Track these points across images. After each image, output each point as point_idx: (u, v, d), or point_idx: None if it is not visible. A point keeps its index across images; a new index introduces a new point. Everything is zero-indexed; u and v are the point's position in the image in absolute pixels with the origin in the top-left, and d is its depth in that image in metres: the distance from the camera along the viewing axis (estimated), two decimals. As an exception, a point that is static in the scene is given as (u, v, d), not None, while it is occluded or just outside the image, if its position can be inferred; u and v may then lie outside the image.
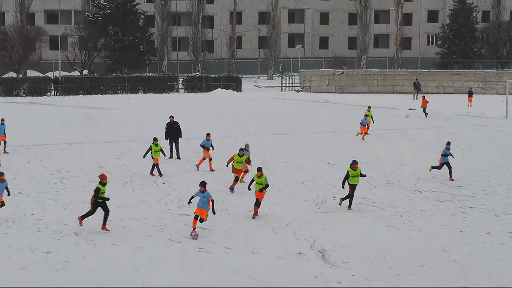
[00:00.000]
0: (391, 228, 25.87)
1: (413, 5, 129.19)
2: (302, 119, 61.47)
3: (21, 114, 49.71)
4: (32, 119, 46.56)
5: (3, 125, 41.84)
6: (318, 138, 48.45)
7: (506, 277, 20.63)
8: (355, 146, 44.78)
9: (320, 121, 60.35)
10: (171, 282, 19.58)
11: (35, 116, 48.93)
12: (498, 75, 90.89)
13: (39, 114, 58.75)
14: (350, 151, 42.75)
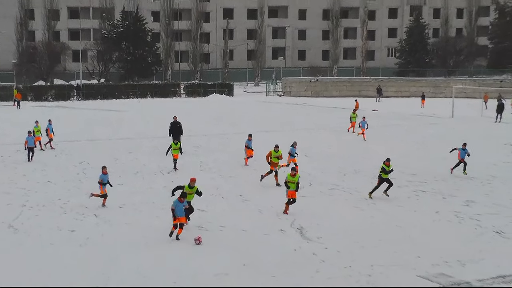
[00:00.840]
0: (357, 209, 26.09)
1: (376, 23, 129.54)
2: (284, 119, 61.57)
3: (49, 116, 49.50)
4: (58, 120, 46.51)
5: (51, 125, 42.01)
6: (298, 134, 48.55)
7: (451, 248, 20.85)
8: (328, 141, 44.94)
9: (299, 120, 60.48)
10: (176, 254, 19.76)
11: (60, 117, 48.97)
12: (446, 82, 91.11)
13: (64, 116, 58.76)
14: (323, 145, 42.93)
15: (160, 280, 17.93)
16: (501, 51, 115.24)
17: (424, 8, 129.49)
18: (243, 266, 19.24)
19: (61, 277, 18.14)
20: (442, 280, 18.13)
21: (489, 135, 48.88)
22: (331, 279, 18.14)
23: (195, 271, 18.72)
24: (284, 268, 19.10)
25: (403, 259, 19.88)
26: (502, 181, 31.78)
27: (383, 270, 18.90)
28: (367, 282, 17.91)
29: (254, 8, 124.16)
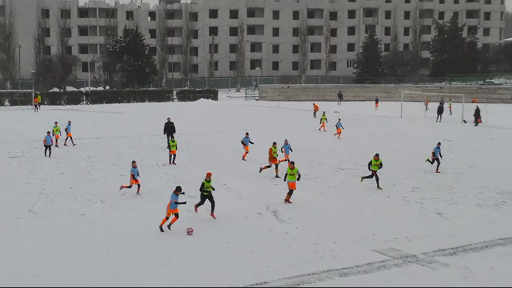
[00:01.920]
0: (322, 195, 26.15)
1: (337, 39, 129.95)
2: (261, 119, 61.60)
3: (62, 118, 49.25)
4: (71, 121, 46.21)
5: (70, 125, 41.75)
6: (272, 132, 48.61)
7: (400, 227, 20.95)
8: (299, 138, 44.98)
9: (273, 120, 60.52)
10: (170, 233, 19.69)
11: (72, 119, 48.54)
12: (396, 88, 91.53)
13: (75, 117, 58.30)
14: (295, 142, 42.91)
15: (156, 255, 17.88)
16: (440, 62, 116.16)
17: (377, 26, 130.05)
18: (226, 243, 19.23)
19: (72, 252, 18.12)
20: (393, 254, 18.21)
21: (431, 132, 49.12)
22: (301, 254, 18.15)
23: (186, 247, 18.71)
24: (261, 245, 19.09)
25: (361, 236, 19.95)
26: (442, 170, 31.96)
27: (344, 245, 18.95)
28: (331, 256, 17.95)
29: (235, 26, 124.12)
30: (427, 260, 17.61)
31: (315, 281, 15.96)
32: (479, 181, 28.80)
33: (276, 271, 16.61)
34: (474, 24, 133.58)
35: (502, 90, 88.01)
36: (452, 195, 26.13)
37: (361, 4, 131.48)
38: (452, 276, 16.38)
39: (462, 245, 18.99)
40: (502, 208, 23.94)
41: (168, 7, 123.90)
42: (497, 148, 40.02)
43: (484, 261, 17.58)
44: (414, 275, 16.48)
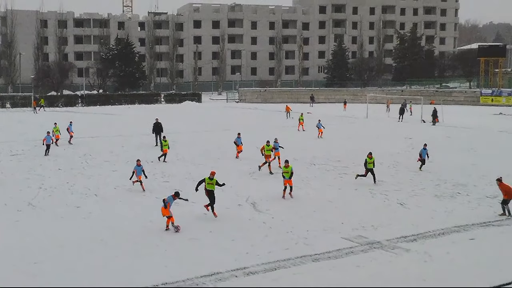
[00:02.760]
0: (296, 187, 26.09)
1: (309, 47, 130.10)
2: (241, 119, 61.49)
3: (59, 119, 48.78)
4: (67, 122, 45.71)
5: (71, 125, 41.48)
6: (251, 131, 48.60)
7: (366, 216, 21.01)
8: (273, 135, 44.90)
9: (252, 120, 60.44)
10: (159, 224, 19.56)
11: (69, 119, 48.11)
12: (362, 91, 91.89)
13: (71, 118, 57.59)
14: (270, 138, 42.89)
15: (145, 243, 17.77)
16: (401, 68, 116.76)
17: (345, 36, 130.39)
18: (209, 232, 19.17)
19: (68, 241, 17.98)
20: (360, 240, 18.25)
21: (393, 131, 49.43)
22: (277, 241, 18.14)
23: (173, 236, 18.63)
24: (241, 233, 19.06)
25: (331, 225, 19.99)
26: (403, 166, 32.16)
27: (316, 234, 18.96)
28: (304, 243, 17.95)
29: (217, 35, 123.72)
30: (391, 246, 17.68)
31: (290, 266, 15.95)
32: (436, 175, 29.01)
33: (254, 257, 16.59)
34: (431, 34, 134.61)
35: (457, 93, 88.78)
36: (412, 188, 26.29)
37: (331, 16, 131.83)
38: (413, 260, 16.46)
39: (421, 232, 19.10)
40: (457, 199, 24.13)
41: (156, 18, 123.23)
42: (452, 145, 40.34)
43: (441, 246, 17.70)
44: (379, 259, 16.54)
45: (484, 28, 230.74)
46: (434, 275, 15.19)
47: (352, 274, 15.35)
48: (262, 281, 14.87)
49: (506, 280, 12.08)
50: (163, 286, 14.45)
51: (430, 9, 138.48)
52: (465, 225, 19.97)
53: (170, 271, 15.48)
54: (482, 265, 15.99)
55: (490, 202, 23.10)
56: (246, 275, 15.28)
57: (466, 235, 18.95)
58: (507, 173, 25.45)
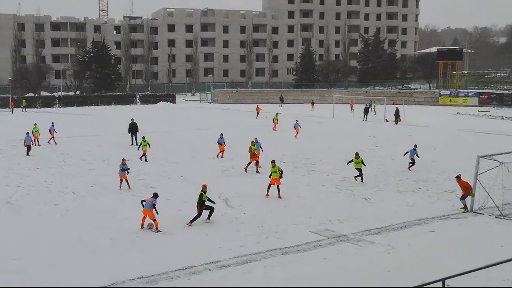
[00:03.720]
0: (266, 184, 26.18)
1: (278, 50, 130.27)
2: (213, 119, 61.29)
3: (37, 119, 48.01)
4: (44, 122, 45.05)
5: (53, 126, 40.88)
6: (223, 130, 48.44)
7: (333, 211, 21.14)
8: (246, 134, 44.90)
9: (224, 119, 60.26)
10: (134, 219, 19.40)
11: (46, 120, 47.46)
12: (328, 92, 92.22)
13: (49, 119, 56.70)
14: (243, 138, 42.88)
15: (123, 239, 17.61)
16: (366, 70, 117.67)
17: (312, 40, 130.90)
18: (184, 228, 19.11)
19: (47, 238, 17.76)
20: (327, 234, 18.36)
21: (358, 130, 49.81)
22: (248, 235, 18.15)
23: (149, 233, 18.51)
24: (214, 228, 19.03)
25: (300, 219, 20.07)
26: (368, 162, 32.31)
27: (285, 228, 19.02)
28: (274, 237, 17.99)
29: (191, 39, 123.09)
30: (356, 239, 17.82)
31: (261, 259, 15.97)
32: (399, 171, 29.32)
33: (227, 251, 16.58)
34: (394, 38, 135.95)
35: (417, 93, 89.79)
36: (376, 183, 26.53)
37: (299, 21, 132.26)
38: (377, 252, 16.62)
39: (385, 226, 19.29)
40: (418, 194, 24.44)
41: (131, 22, 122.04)
42: (413, 143, 40.74)
43: (403, 238, 17.90)
44: (345, 252, 16.66)
45: (442, 32, 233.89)
46: (397, 266, 15.36)
47: (320, 266, 15.43)
48: (234, 273, 14.87)
49: (463, 269, 12.26)
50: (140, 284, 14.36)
51: (392, 15, 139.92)
52: (425, 218, 20.24)
53: (146, 265, 15.38)
54: (441, 256, 16.22)
55: (449, 197, 23.45)
56: (219, 268, 15.26)
57: (426, 228, 19.20)
58: (464, 169, 25.81)
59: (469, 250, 16.72)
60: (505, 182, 21.07)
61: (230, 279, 14.49)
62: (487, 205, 21.01)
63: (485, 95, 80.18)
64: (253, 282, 14.31)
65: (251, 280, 14.41)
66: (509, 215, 20.48)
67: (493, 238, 17.90)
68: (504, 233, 18.54)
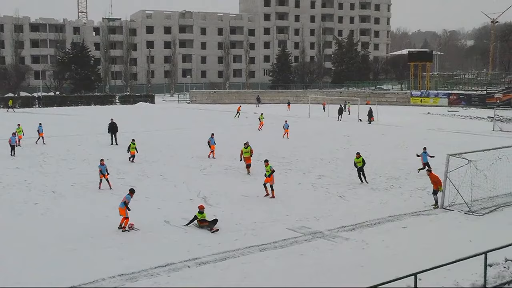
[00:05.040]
0: (244, 183, 26.21)
1: (255, 52, 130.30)
2: (191, 119, 61.08)
3: (17, 120, 47.32)
4: (24, 122, 44.39)
5: (41, 126, 40.24)
6: (201, 130, 48.35)
7: (309, 208, 21.21)
8: (223, 133, 44.83)
9: (202, 119, 60.07)
10: (114, 217, 19.23)
11: (26, 120, 46.84)
12: (304, 93, 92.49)
13: (29, 119, 55.96)
14: (220, 137, 42.76)
15: (102, 237, 17.45)
16: (340, 71, 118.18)
17: (288, 42, 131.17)
18: (163, 225, 19.00)
19: (27, 236, 17.53)
20: (303, 231, 18.42)
21: (333, 129, 50.06)
22: (226, 233, 18.11)
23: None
24: (193, 226, 18.93)
25: (276, 217, 20.10)
26: (342, 161, 32.60)
27: (262, 225, 19.03)
28: (252, 234, 17.98)
29: (169, 41, 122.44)
30: (332, 235, 17.90)
31: (239, 256, 15.95)
32: (372, 169, 29.51)
33: (206, 248, 16.53)
34: (366, 41, 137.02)
35: (390, 94, 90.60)
36: (350, 181, 26.68)
37: (275, 23, 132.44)
38: (352, 248, 16.72)
39: (359, 222, 19.42)
40: (391, 191, 24.65)
41: (110, 24, 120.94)
42: (386, 142, 41.17)
43: (377, 234, 18.04)
44: (321, 248, 16.72)
45: (413, 35, 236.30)
46: (371, 261, 15.47)
47: (296, 262, 15.47)
48: (213, 270, 14.83)
49: (435, 263, 12.40)
50: (119, 278, 14.25)
51: (365, 18, 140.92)
52: (398, 215, 20.42)
53: (126, 262, 15.25)
54: (413, 251, 16.38)
55: (420, 194, 23.69)
56: (198, 265, 15.20)
57: (399, 224, 19.38)
58: (435, 167, 26.09)
59: (440, 245, 16.91)
60: (473, 179, 21.37)
61: (209, 276, 14.44)
62: (457, 201, 21.27)
63: (454, 96, 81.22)
64: (232, 278, 14.29)
65: (230, 277, 14.39)
66: (477, 211, 20.78)
67: (463, 234, 18.13)
68: (473, 229, 18.80)
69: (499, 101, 73.05)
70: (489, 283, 13.34)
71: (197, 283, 13.97)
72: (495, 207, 21.53)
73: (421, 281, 12.14)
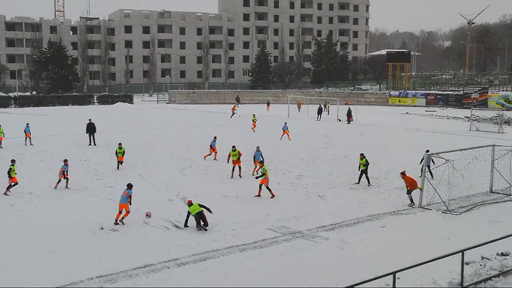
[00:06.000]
0: (224, 183, 26.16)
1: (234, 52, 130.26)
2: (171, 119, 60.79)
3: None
4: (1, 122, 43.85)
5: (28, 127, 39.79)
6: (180, 130, 48.17)
7: (289, 208, 21.24)
8: (202, 134, 44.68)
9: (181, 120, 59.82)
10: (92, 216, 19.07)
11: (2, 120, 46.21)
12: (283, 93, 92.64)
13: (4, 119, 55.22)
14: (199, 137, 42.67)
15: (81, 239, 17.30)
16: (319, 72, 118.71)
17: (267, 42, 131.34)
18: (142, 226, 18.91)
19: (4, 238, 17.29)
20: (283, 231, 18.46)
21: (312, 129, 50.23)
22: (206, 233, 18.08)
23: (107, 231, 18.22)
24: (172, 227, 18.86)
25: (256, 217, 20.12)
26: (322, 161, 32.75)
27: (242, 225, 19.04)
28: (231, 235, 17.98)
29: (148, 40, 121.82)
30: (311, 235, 17.98)
31: (218, 256, 15.94)
32: (351, 169, 29.64)
33: (185, 249, 16.49)
34: (345, 41, 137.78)
35: (368, 94, 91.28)
36: (330, 181, 26.83)
37: (254, 23, 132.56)
38: (331, 247, 16.81)
39: (339, 222, 19.53)
40: (370, 191, 24.83)
41: (88, 23, 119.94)
42: (365, 142, 41.44)
43: (356, 234, 18.16)
44: (300, 248, 16.78)
45: (391, 36, 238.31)
46: (350, 260, 15.57)
47: (276, 262, 15.51)
48: (192, 271, 14.80)
49: (413, 262, 12.53)
50: (98, 279, 14.14)
51: (344, 18, 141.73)
52: (377, 214, 20.58)
53: (104, 264, 15.14)
54: (392, 250, 16.53)
55: (399, 193, 23.89)
56: (178, 266, 15.16)
57: (378, 223, 19.54)
58: (413, 167, 26.38)
59: (418, 244, 17.09)
60: (451, 178, 21.63)
61: (188, 276, 14.41)
62: (434, 201, 21.52)
63: (432, 96, 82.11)
64: (212, 279, 14.27)
65: (210, 277, 14.37)
66: (454, 210, 21.05)
67: (440, 232, 18.35)
68: (450, 228, 19.04)
69: (476, 101, 74.06)
70: (466, 281, 13.53)
71: (177, 284, 13.93)
72: (472, 206, 21.85)
73: (399, 280, 12.26)
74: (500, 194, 23.92)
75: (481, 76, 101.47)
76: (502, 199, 23.23)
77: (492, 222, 19.57)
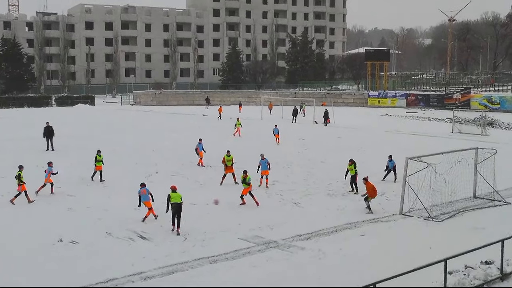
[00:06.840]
0: (193, 190, 25.99)
1: (204, 50, 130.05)
2: (135, 122, 60.38)
3: None
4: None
5: None
6: (148, 132, 47.84)
7: (263, 216, 21.22)
8: (169, 138, 44.49)
9: (147, 122, 59.44)
10: (51, 228, 18.79)
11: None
12: (256, 93, 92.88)
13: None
14: (166, 142, 42.44)
15: (37, 252, 17.03)
16: (294, 71, 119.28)
17: (239, 39, 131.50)
18: (105, 237, 18.70)
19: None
20: (257, 240, 18.44)
21: (287, 132, 50.20)
22: (174, 244, 17.97)
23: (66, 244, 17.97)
24: (138, 237, 18.70)
25: (228, 226, 20.06)
26: (297, 165, 32.84)
27: (213, 235, 18.96)
28: (201, 245, 17.88)
29: (110, 37, 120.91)
30: (286, 245, 17.99)
31: (187, 269, 15.84)
32: (328, 174, 29.83)
33: (151, 261, 16.34)
34: (322, 38, 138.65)
35: (346, 95, 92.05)
36: (306, 187, 26.91)
37: (224, 19, 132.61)
38: (307, 258, 16.83)
39: (316, 230, 19.58)
40: (348, 197, 24.97)
41: (45, 19, 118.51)
42: (343, 145, 41.70)
43: (334, 243, 18.24)
44: (275, 258, 16.78)
45: (369, 33, 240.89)
46: (328, 272, 15.61)
47: (249, 274, 15.46)
48: (159, 285, 14.67)
49: (394, 272, 12.63)
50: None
51: (319, 14, 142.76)
52: (356, 222, 20.70)
53: (64, 278, 14.94)
54: (372, 260, 16.63)
55: (379, 200, 24.00)
56: (143, 280, 15.02)
57: (357, 231, 19.65)
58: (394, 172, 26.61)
59: (399, 252, 17.23)
60: (432, 183, 21.87)
61: (155, 291, 14.29)
62: (416, 207, 21.71)
63: (412, 96, 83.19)
64: (180, 293, 14.18)
65: (178, 291, 14.27)
66: (437, 217, 21.29)
67: (422, 240, 18.53)
68: (432, 235, 19.24)
69: (458, 102, 75.28)
70: (450, 292, 13.68)
71: (143, 300, 13.81)
72: (454, 212, 22.13)
73: (380, 291, 12.32)
74: (483, 199, 24.29)
75: (463, 75, 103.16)
76: (485, 204, 23.60)
77: (476, 229, 19.85)
